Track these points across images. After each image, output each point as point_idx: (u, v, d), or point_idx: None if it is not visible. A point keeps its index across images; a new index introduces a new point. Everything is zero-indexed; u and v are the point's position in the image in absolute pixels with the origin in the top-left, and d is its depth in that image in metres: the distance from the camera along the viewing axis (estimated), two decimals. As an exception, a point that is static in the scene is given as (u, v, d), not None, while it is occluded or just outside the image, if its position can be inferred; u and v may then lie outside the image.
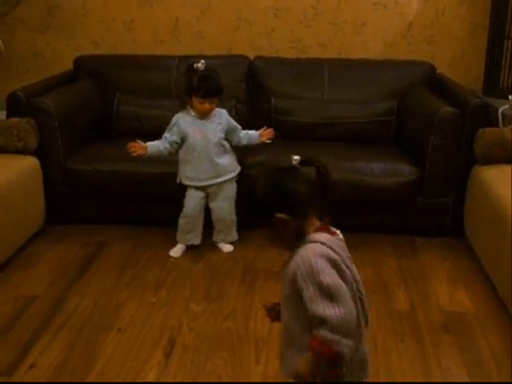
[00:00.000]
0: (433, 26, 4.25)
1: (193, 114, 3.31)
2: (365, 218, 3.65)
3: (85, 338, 2.68)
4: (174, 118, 3.36)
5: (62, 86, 3.94)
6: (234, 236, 3.49)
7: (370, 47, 4.31)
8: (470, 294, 3.07)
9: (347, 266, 1.73)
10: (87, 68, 4.18)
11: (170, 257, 3.41)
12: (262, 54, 4.26)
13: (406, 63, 4.15)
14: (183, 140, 3.33)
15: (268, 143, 3.48)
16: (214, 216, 3.45)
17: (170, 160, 3.53)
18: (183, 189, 3.43)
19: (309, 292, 1.63)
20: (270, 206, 1.77)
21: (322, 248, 1.68)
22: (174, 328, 2.76)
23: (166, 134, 3.35)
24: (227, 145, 3.39)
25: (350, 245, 3.43)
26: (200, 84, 3.23)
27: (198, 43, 4.37)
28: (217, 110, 3.38)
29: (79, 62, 4.21)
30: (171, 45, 4.38)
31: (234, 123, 3.43)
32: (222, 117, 3.40)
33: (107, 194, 3.67)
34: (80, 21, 4.38)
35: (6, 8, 4.06)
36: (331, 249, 1.69)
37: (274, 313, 1.95)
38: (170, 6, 4.32)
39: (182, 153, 3.37)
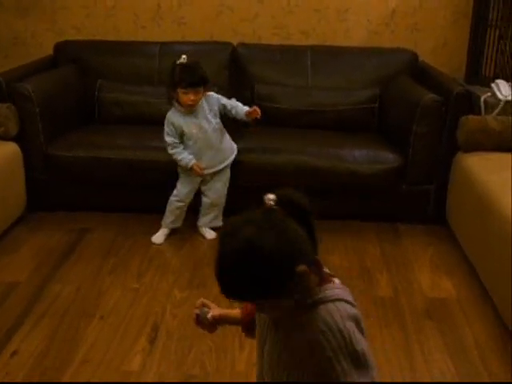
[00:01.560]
0: (416, 13, 4.24)
1: (180, 108, 3.28)
2: (348, 204, 3.65)
3: (67, 325, 2.66)
4: (166, 119, 3.32)
5: (42, 71, 3.88)
6: (220, 222, 3.48)
7: (353, 35, 4.30)
8: (452, 280, 3.08)
9: None
10: (68, 53, 4.13)
11: (153, 243, 3.39)
12: (244, 41, 4.23)
13: (388, 51, 4.15)
14: (181, 136, 3.31)
15: (251, 129, 3.46)
16: (205, 200, 3.43)
17: (153, 146, 3.51)
18: (166, 175, 3.40)
19: (341, 366, 1.30)
20: (280, 261, 1.26)
21: (346, 307, 1.35)
22: (157, 314, 2.75)
23: (171, 140, 3.29)
24: (222, 125, 3.38)
25: (334, 231, 3.51)
26: (182, 75, 3.19)
27: (179, 29, 4.34)
28: (205, 95, 3.35)
29: (60, 48, 4.15)
30: (153, 31, 4.34)
31: (225, 100, 3.40)
32: (211, 101, 3.36)
33: (89, 180, 3.64)
34: (61, 5, 4.31)
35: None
36: (350, 303, 1.37)
37: (203, 321, 1.68)
38: (151, -10, 4.28)
39: (184, 147, 3.34)
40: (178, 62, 3.23)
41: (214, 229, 3.49)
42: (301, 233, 1.29)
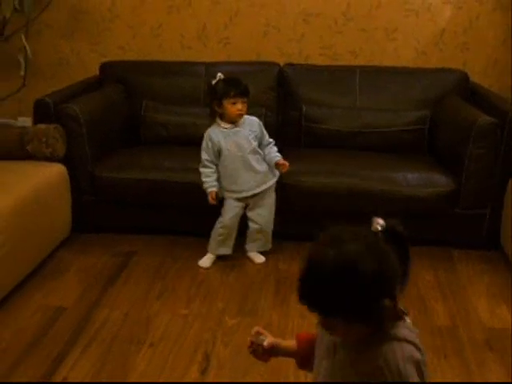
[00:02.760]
0: (466, 33, 4.15)
1: (223, 125, 3.24)
2: (399, 229, 3.55)
3: (116, 353, 2.60)
4: (206, 134, 3.28)
5: (88, 92, 3.87)
6: (269, 246, 3.41)
7: (401, 55, 4.22)
8: (511, 309, 2.96)
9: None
10: (114, 74, 4.12)
11: (200, 268, 3.32)
12: (291, 61, 4.18)
13: (438, 71, 4.06)
14: (219, 153, 3.25)
15: (299, 152, 3.39)
16: (251, 225, 3.36)
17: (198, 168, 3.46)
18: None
19: None
20: (373, 287, 1.26)
21: (411, 350, 1.32)
22: (208, 343, 2.68)
23: (206, 157, 3.25)
24: (262, 153, 3.31)
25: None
26: (228, 86, 3.18)
27: (225, 49, 4.30)
28: (247, 117, 3.30)
29: (105, 68, 4.14)
30: (198, 51, 4.30)
31: (267, 135, 3.35)
32: (253, 124, 3.32)
33: (135, 202, 3.59)
34: (106, 26, 4.31)
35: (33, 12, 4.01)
36: (416, 346, 1.34)
37: (257, 350, 1.64)
38: (197, 11, 4.25)
39: (220, 167, 3.28)
40: (215, 80, 3.23)
41: (262, 253, 3.42)
42: (397, 267, 1.30)
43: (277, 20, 4.22)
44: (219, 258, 3.39)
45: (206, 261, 3.36)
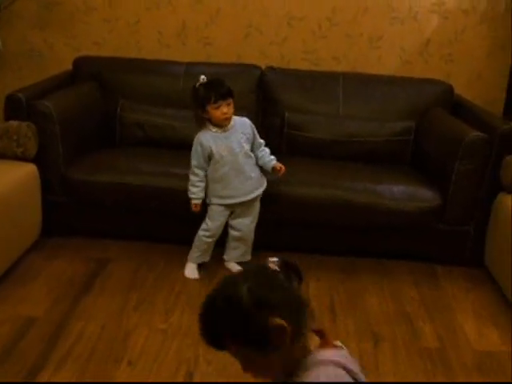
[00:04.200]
0: (451, 44, 4.09)
1: (213, 129, 3.09)
2: (382, 243, 3.47)
3: (93, 372, 2.44)
4: (195, 139, 3.12)
5: (61, 87, 3.68)
6: (248, 257, 3.30)
7: (385, 63, 4.14)
8: (498, 331, 2.90)
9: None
10: (88, 69, 3.93)
11: (180, 278, 3.18)
12: (272, 64, 4.06)
13: (423, 81, 3.98)
14: (209, 158, 3.10)
15: (280, 160, 3.27)
16: (233, 233, 3.23)
17: (176, 173, 3.32)
18: (189, 203, 3.19)
19: None
20: (255, 309, 1.30)
21: (337, 372, 1.31)
22: (189, 361, 2.54)
23: (194, 163, 3.10)
24: (253, 157, 3.19)
25: (368, 270, 3.33)
26: (209, 90, 3.01)
27: (205, 49, 4.15)
28: (237, 118, 3.17)
29: (79, 63, 3.96)
30: (177, 50, 4.15)
31: (258, 137, 3.22)
32: (245, 126, 3.18)
33: (109, 206, 3.42)
34: (81, 19, 4.12)
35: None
36: (345, 369, 1.33)
37: None
38: (177, 8, 4.09)
39: (210, 171, 3.13)
40: (197, 83, 3.06)
41: (240, 263, 3.30)
42: (288, 290, 1.33)
43: (259, 22, 4.10)
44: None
45: (192, 271, 3.23)
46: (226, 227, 3.25)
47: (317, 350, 1.37)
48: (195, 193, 3.12)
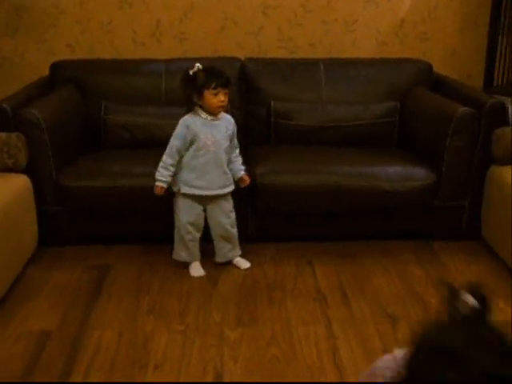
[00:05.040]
0: (425, 22, 4.14)
1: (203, 115, 3.06)
2: (378, 224, 3.51)
3: (121, 379, 2.41)
4: (181, 121, 3.07)
5: (41, 94, 3.59)
6: (238, 251, 3.28)
7: (361, 46, 4.16)
8: (508, 301, 2.96)
9: None
10: (65, 74, 3.84)
11: (185, 277, 3.15)
12: (249, 55, 4.04)
13: (401, 61, 4.03)
14: (191, 143, 3.06)
15: (270, 150, 3.26)
16: (213, 233, 3.21)
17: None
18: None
19: None
20: None
21: None
22: (215, 359, 2.52)
23: (177, 143, 3.06)
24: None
25: (370, 252, 3.36)
26: (210, 77, 3.01)
27: (181, 45, 4.11)
28: (224, 114, 3.15)
29: (56, 68, 3.87)
30: (152, 48, 4.10)
31: (236, 139, 3.21)
32: (229, 122, 3.16)
33: (104, 211, 3.37)
34: (52, 22, 4.03)
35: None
36: None
37: None
38: (150, 6, 4.04)
39: (187, 158, 3.08)
40: (193, 70, 3.05)
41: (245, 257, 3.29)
42: None
43: (234, 13, 4.08)
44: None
45: (197, 269, 3.20)
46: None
47: None
48: (165, 176, 3.07)
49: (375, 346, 2.61)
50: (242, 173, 3.19)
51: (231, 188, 3.17)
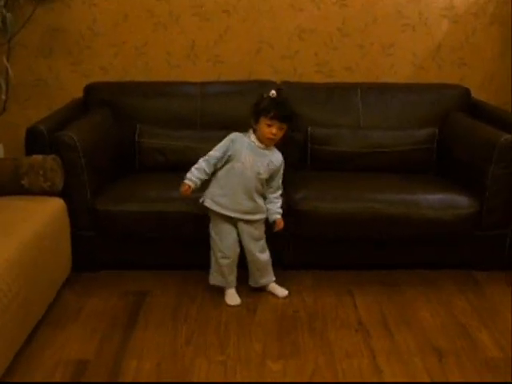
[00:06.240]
0: (462, 47, 4.08)
1: (252, 139, 3.02)
2: (420, 253, 3.42)
3: (163, 411, 2.34)
4: (229, 135, 3.06)
5: (76, 116, 3.55)
6: (271, 278, 3.20)
7: (398, 70, 4.10)
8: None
9: None
10: (99, 96, 3.81)
11: (223, 306, 3.08)
12: (284, 79, 3.99)
13: (439, 87, 3.96)
14: (229, 160, 3.02)
15: (308, 176, 3.18)
16: (248, 257, 3.14)
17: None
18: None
19: None
20: None
21: None
22: (259, 392, 2.45)
23: (216, 154, 3.02)
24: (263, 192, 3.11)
25: (411, 282, 3.27)
26: (272, 105, 2.98)
27: (215, 68, 4.07)
28: (275, 150, 3.11)
29: (91, 90, 3.84)
30: (187, 70, 4.06)
31: (281, 179, 3.14)
32: (278, 159, 3.10)
33: (140, 236, 3.31)
34: (87, 44, 4.01)
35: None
36: None
37: None
38: (185, 28, 4.01)
39: (221, 173, 3.04)
40: (266, 94, 3.05)
41: (282, 285, 3.22)
42: None
43: (270, 36, 4.03)
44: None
45: (233, 298, 3.13)
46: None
47: None
48: (196, 176, 3.03)
49: (423, 380, 2.52)
50: (278, 216, 3.12)
51: (259, 216, 3.09)
